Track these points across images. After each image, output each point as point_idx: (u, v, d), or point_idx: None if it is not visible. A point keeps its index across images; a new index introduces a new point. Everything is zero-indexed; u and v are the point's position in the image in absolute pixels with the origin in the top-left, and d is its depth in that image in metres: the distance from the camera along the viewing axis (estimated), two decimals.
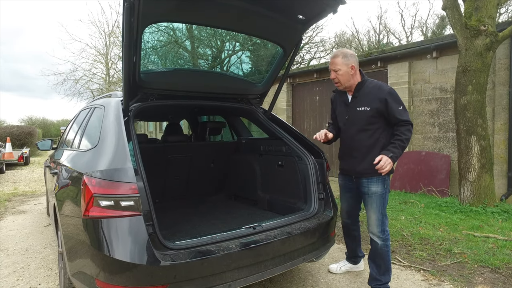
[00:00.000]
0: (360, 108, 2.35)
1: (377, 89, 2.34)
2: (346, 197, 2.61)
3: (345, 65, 2.34)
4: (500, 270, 2.82)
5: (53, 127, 31.28)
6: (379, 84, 2.39)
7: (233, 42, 3.10)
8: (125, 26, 1.73)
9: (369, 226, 2.44)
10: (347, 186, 2.57)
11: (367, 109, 2.32)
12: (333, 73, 2.39)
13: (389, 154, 2.20)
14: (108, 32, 19.27)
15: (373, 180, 2.36)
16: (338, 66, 2.35)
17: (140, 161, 1.85)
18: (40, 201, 6.11)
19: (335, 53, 2.40)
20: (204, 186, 3.73)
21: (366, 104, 2.34)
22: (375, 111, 2.31)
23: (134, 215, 1.70)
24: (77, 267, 1.92)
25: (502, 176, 5.10)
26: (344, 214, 2.69)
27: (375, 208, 2.38)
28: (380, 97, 2.29)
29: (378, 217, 2.38)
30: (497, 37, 4.36)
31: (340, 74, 2.35)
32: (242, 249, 1.88)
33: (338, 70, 2.35)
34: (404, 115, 2.29)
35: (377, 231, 2.39)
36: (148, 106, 2.34)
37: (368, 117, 2.32)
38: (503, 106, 5.11)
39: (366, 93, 2.36)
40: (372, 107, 2.31)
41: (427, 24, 21.25)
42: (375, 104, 2.30)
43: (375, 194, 2.37)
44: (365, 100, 2.35)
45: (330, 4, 2.05)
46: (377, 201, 2.37)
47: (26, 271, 3.04)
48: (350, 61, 2.35)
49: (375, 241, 2.42)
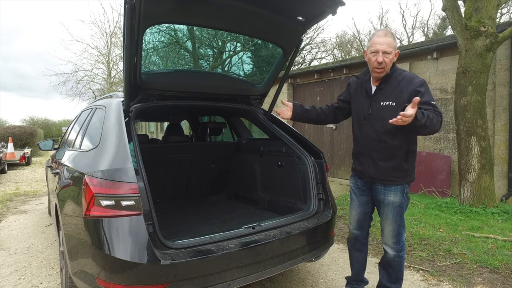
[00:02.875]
0: (384, 103, 1.99)
1: (408, 81, 1.97)
2: (358, 202, 2.24)
3: (394, 49, 1.97)
4: (499, 271, 2.83)
5: (54, 127, 31.32)
6: (411, 75, 2.02)
7: (234, 42, 3.12)
8: (126, 27, 1.75)
9: (383, 236, 2.17)
10: (360, 190, 2.23)
11: (392, 104, 1.96)
12: (383, 55, 1.94)
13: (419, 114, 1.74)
14: (109, 33, 19.39)
15: (391, 188, 2.05)
16: (390, 48, 1.94)
17: (140, 161, 1.87)
18: (42, 201, 6.14)
19: (385, 31, 1.99)
20: (204, 186, 3.75)
21: (392, 98, 1.97)
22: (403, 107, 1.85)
23: (134, 215, 1.71)
24: (78, 266, 1.93)
25: (503, 176, 5.10)
26: (353, 224, 2.29)
27: (391, 219, 2.08)
28: (411, 89, 1.93)
29: (394, 228, 2.09)
30: (497, 38, 4.36)
31: (390, 58, 1.96)
32: (241, 248, 1.90)
33: (389, 54, 1.94)
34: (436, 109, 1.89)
35: (391, 242, 2.13)
36: (149, 107, 2.36)
37: (393, 114, 1.85)
38: (503, 107, 5.12)
39: (395, 85, 1.99)
40: (398, 103, 1.93)
41: (428, 24, 21.25)
42: (403, 99, 1.93)
43: (392, 204, 2.06)
44: (392, 93, 1.98)
45: (330, 5, 2.06)
46: (394, 212, 2.07)
47: (28, 270, 3.06)
48: (397, 46, 2.01)
49: (388, 252, 2.17)
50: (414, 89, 1.92)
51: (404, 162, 2.03)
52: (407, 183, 2.07)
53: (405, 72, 2.05)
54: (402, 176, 2.05)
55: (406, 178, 2.06)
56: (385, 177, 2.05)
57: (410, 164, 2.07)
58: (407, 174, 2.06)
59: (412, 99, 1.79)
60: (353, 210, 2.29)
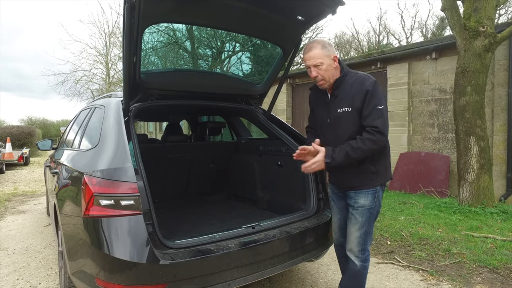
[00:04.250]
0: (341, 110, 1.91)
1: (360, 83, 1.88)
2: (338, 209, 2.18)
3: (326, 57, 1.88)
4: (499, 270, 2.84)
5: (53, 127, 31.27)
6: (363, 76, 1.92)
7: (233, 42, 3.12)
8: (126, 26, 1.74)
9: (348, 243, 2.04)
10: (337, 195, 2.17)
11: (348, 110, 1.88)
12: (314, 69, 1.90)
13: (328, 158, 1.83)
14: (108, 33, 19.35)
15: (361, 192, 1.97)
16: (319, 60, 1.88)
17: (140, 160, 1.86)
18: (40, 201, 6.12)
19: (311, 44, 1.91)
20: (203, 185, 3.74)
21: (347, 104, 1.89)
22: (357, 111, 1.87)
23: (134, 214, 1.71)
24: (78, 266, 1.93)
25: (501, 176, 5.12)
26: (337, 231, 2.20)
27: (359, 224, 1.97)
28: (361, 91, 1.86)
29: (361, 234, 1.98)
30: (496, 38, 4.38)
31: (324, 69, 1.89)
32: (241, 248, 1.89)
33: (320, 65, 1.88)
34: (376, 119, 1.82)
35: (356, 250, 2.00)
36: (148, 106, 2.35)
37: (351, 120, 1.88)
38: (502, 107, 5.13)
39: (347, 89, 1.90)
40: (354, 107, 1.87)
41: (427, 25, 21.33)
42: (357, 102, 1.86)
43: (362, 207, 1.97)
44: (346, 98, 1.90)
45: (329, 5, 2.06)
46: (363, 216, 1.97)
47: (26, 270, 3.05)
48: (331, 51, 1.90)
49: (354, 262, 2.03)
50: (365, 90, 1.85)
51: (371, 165, 1.93)
52: (379, 185, 1.96)
53: (358, 74, 1.95)
54: (371, 178, 1.95)
55: (376, 179, 1.95)
56: (354, 184, 1.97)
57: (379, 165, 1.96)
58: (377, 175, 1.95)
59: (365, 100, 1.83)
60: (334, 217, 2.23)
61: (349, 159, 1.84)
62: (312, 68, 1.91)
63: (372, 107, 1.83)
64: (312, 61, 1.89)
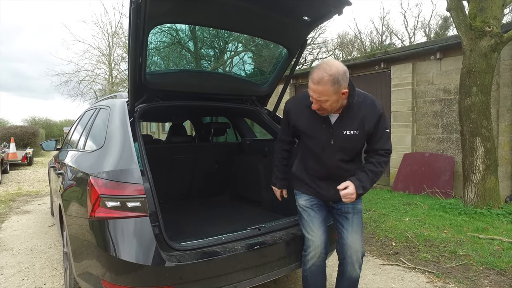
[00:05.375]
0: (348, 132, 1.81)
1: (371, 107, 1.81)
2: (321, 218, 1.97)
3: (334, 94, 1.67)
4: (506, 273, 2.81)
5: (56, 127, 31.36)
6: (372, 99, 1.86)
7: (236, 43, 3.11)
8: (132, 27, 1.74)
9: (355, 252, 1.92)
10: (318, 205, 1.99)
11: (356, 132, 1.81)
12: (317, 102, 1.72)
13: (359, 189, 1.77)
14: (111, 33, 19.38)
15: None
16: (324, 97, 1.68)
17: (146, 162, 1.85)
18: (44, 201, 6.13)
19: (321, 74, 1.65)
20: (208, 186, 3.73)
21: (355, 126, 1.81)
22: (366, 134, 1.82)
23: (140, 216, 1.70)
24: (83, 268, 1.92)
25: (507, 177, 5.08)
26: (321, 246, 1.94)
27: (360, 230, 1.94)
28: (372, 116, 1.80)
29: (361, 239, 1.95)
30: (502, 38, 4.34)
31: (328, 104, 1.71)
32: (247, 250, 1.88)
33: (325, 102, 1.70)
34: (388, 142, 1.86)
35: (361, 256, 1.93)
36: (153, 107, 2.35)
37: (357, 143, 1.84)
38: (507, 108, 5.09)
39: (356, 112, 1.81)
40: (363, 130, 1.81)
41: (430, 25, 21.21)
42: (368, 126, 1.80)
43: (360, 212, 1.95)
44: (354, 121, 1.81)
45: (336, 5, 2.05)
46: (361, 220, 1.96)
47: (31, 271, 3.05)
48: (343, 85, 1.67)
49: (356, 270, 1.92)
50: (378, 114, 1.81)
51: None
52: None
53: (365, 95, 1.85)
54: None
55: None
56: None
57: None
58: None
59: (378, 125, 1.80)
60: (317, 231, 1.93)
61: (373, 183, 1.86)
62: (315, 100, 1.73)
63: (383, 130, 1.84)
64: (316, 95, 1.70)
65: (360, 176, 1.82)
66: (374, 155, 1.87)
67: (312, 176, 1.97)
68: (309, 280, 1.99)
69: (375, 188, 6.51)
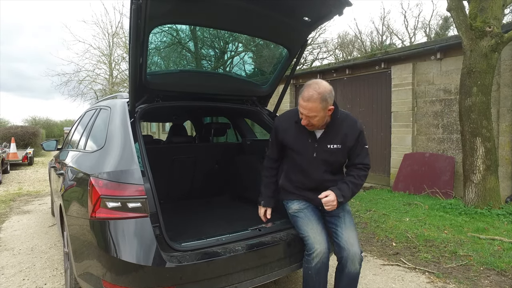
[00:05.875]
0: (332, 146, 1.99)
1: (352, 124, 2.02)
2: (316, 216, 2.07)
3: (323, 110, 1.87)
4: (507, 273, 2.81)
5: (56, 127, 31.41)
6: (351, 116, 2.08)
7: (237, 43, 3.11)
8: (132, 27, 1.73)
9: (352, 247, 1.95)
10: (312, 208, 2.11)
11: (338, 147, 2.00)
12: (306, 118, 1.91)
13: (340, 197, 1.93)
14: (111, 33, 19.38)
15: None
16: (314, 113, 1.87)
17: (147, 162, 1.86)
18: (45, 201, 6.14)
19: (311, 93, 1.85)
20: (208, 187, 3.73)
21: (338, 141, 2.00)
22: (345, 149, 2.01)
23: (141, 217, 1.70)
24: (84, 268, 1.92)
25: (507, 178, 5.08)
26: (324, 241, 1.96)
27: (354, 226, 2.05)
28: (353, 133, 2.00)
29: (356, 235, 2.03)
30: (502, 38, 4.34)
31: (316, 120, 1.90)
32: (248, 251, 1.88)
33: (314, 117, 1.89)
34: (367, 157, 2.05)
35: (359, 251, 1.97)
36: (154, 108, 2.35)
37: (339, 156, 2.02)
38: (508, 108, 5.09)
39: (337, 127, 2.00)
40: (345, 145, 2.00)
41: (430, 25, 21.20)
42: (347, 142, 2.00)
43: (349, 212, 2.10)
44: (338, 136, 2.00)
45: (336, 6, 2.04)
46: (351, 218, 2.08)
47: (32, 270, 3.06)
48: (330, 103, 1.88)
49: (356, 265, 1.95)
50: (358, 131, 2.02)
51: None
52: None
53: (346, 113, 2.07)
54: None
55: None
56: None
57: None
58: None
59: (358, 140, 2.01)
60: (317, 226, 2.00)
61: (354, 194, 2.04)
62: (304, 116, 1.92)
63: (362, 146, 2.04)
64: (307, 111, 1.88)
65: (341, 186, 2.00)
66: (354, 169, 2.07)
67: (299, 188, 2.13)
68: (314, 277, 1.98)
69: (375, 188, 6.51)
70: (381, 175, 6.97)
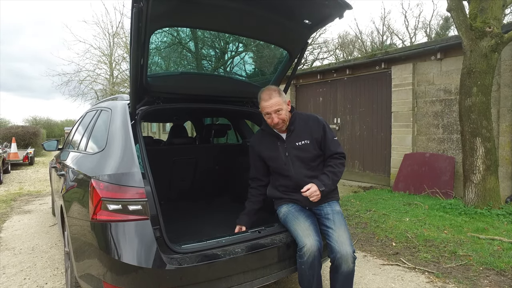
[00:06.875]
0: (300, 143, 2.16)
1: (312, 120, 2.21)
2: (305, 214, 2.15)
3: (284, 102, 2.11)
4: (506, 273, 2.82)
5: (57, 127, 31.41)
6: (314, 115, 2.27)
7: (239, 44, 3.12)
8: (133, 30, 1.74)
9: (343, 246, 1.96)
10: (302, 209, 2.21)
11: (307, 142, 2.16)
12: (275, 115, 2.08)
13: (321, 186, 2.05)
14: (112, 33, 19.37)
15: (333, 202, 2.21)
16: (279, 106, 2.08)
17: (147, 165, 1.87)
18: (45, 201, 6.16)
19: (268, 92, 2.10)
20: (208, 188, 3.74)
21: (306, 137, 2.17)
22: (315, 143, 2.17)
23: (141, 219, 1.72)
24: (84, 269, 1.94)
25: (507, 178, 5.08)
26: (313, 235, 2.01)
27: (345, 226, 2.08)
28: (318, 127, 2.18)
29: (348, 235, 2.04)
30: (502, 38, 4.34)
31: (283, 113, 2.11)
32: (248, 253, 1.89)
33: (280, 110, 2.09)
34: (339, 147, 2.19)
35: (351, 250, 1.97)
36: (154, 110, 2.36)
37: (310, 151, 2.16)
38: (508, 108, 5.09)
39: (302, 125, 2.19)
40: (311, 140, 2.16)
41: (430, 25, 21.18)
42: (314, 135, 2.17)
43: (339, 213, 2.15)
44: (304, 132, 2.18)
45: (337, 8, 2.05)
46: (342, 218, 2.13)
47: (33, 270, 3.07)
48: (286, 97, 2.15)
49: (350, 264, 1.96)
50: (322, 125, 2.20)
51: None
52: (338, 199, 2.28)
53: (307, 113, 2.28)
54: (336, 192, 2.28)
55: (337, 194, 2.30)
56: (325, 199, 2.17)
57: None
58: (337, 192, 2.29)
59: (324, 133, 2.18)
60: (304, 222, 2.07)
61: (335, 182, 2.15)
62: (273, 115, 2.09)
63: (331, 138, 2.19)
64: (274, 107, 2.08)
65: (320, 177, 2.13)
66: (330, 159, 2.19)
67: (285, 191, 2.25)
68: (307, 271, 1.99)
69: (375, 189, 6.52)
70: (381, 175, 6.98)
